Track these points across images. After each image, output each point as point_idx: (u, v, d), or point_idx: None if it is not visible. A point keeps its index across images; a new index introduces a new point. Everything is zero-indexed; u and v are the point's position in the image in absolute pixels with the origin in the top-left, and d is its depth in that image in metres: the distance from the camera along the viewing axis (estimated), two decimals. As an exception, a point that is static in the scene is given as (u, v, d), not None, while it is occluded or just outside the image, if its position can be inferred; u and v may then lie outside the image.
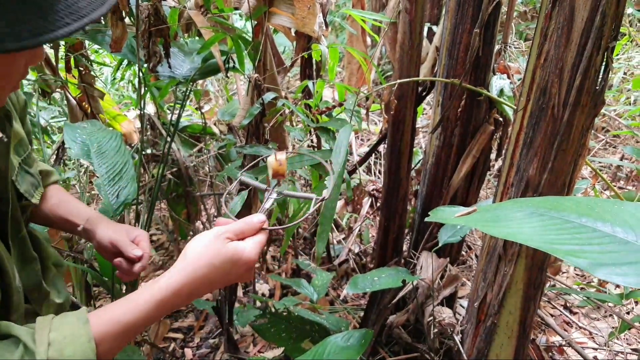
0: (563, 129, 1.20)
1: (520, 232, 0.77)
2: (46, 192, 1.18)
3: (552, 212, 0.80)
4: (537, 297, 1.40)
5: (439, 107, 1.70)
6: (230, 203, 1.50)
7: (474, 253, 2.62)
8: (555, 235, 0.74)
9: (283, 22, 1.58)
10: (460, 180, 1.68)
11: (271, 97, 1.50)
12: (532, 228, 0.77)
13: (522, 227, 0.79)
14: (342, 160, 1.28)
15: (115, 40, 1.64)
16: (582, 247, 0.71)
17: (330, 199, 1.27)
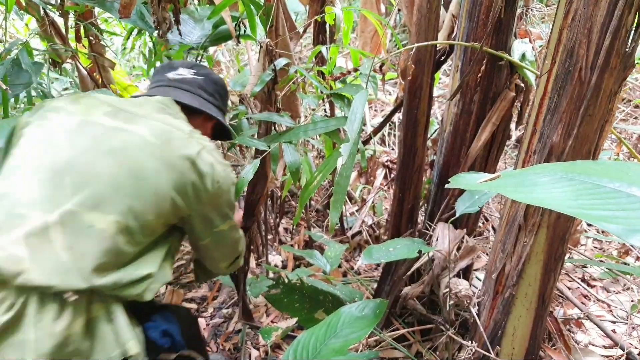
0: (590, 93, 1.14)
1: (548, 198, 0.73)
2: None
3: (581, 177, 0.76)
4: (558, 269, 1.37)
5: (457, 72, 1.64)
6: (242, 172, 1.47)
7: (491, 225, 2.58)
8: (587, 201, 0.70)
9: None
10: (478, 149, 1.63)
11: (283, 64, 1.45)
12: (562, 193, 0.73)
13: (550, 192, 0.74)
14: (358, 127, 1.24)
15: (124, 5, 1.59)
16: (615, 212, 0.67)
17: (345, 167, 1.23)
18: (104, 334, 1.03)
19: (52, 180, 1.03)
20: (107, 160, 1.07)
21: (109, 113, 1.15)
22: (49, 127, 1.11)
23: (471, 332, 1.57)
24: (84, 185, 1.04)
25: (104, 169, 1.06)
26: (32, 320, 0.95)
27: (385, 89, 4.09)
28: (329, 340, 1.17)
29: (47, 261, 0.96)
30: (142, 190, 1.08)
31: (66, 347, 0.96)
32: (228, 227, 1.32)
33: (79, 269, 0.98)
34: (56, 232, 0.98)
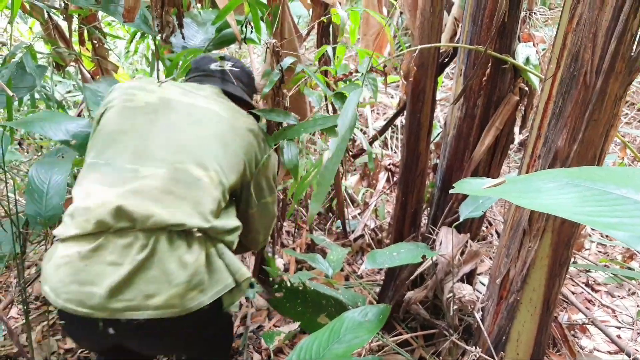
0: (595, 97, 1.13)
1: (554, 204, 0.72)
2: None
3: (587, 183, 0.75)
4: (563, 274, 1.36)
5: (461, 76, 1.63)
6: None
7: (494, 229, 2.57)
8: (594, 207, 0.69)
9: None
10: (482, 153, 1.62)
11: (290, 62, 1.45)
12: (568, 199, 0.72)
13: (556, 198, 0.74)
14: (348, 123, 1.22)
15: (128, 9, 1.59)
16: (622, 219, 0.66)
17: (332, 161, 1.21)
18: (219, 266, 1.20)
19: (151, 142, 1.21)
20: (196, 128, 1.27)
21: (181, 93, 1.35)
22: (137, 102, 1.29)
23: (475, 338, 1.56)
24: (184, 148, 1.22)
25: (197, 135, 1.26)
26: (166, 256, 1.10)
27: (388, 92, 4.09)
28: (332, 345, 1.16)
29: (171, 206, 1.14)
30: (227, 153, 1.28)
31: (195, 278, 1.12)
32: (272, 201, 1.53)
33: (198, 212, 1.17)
34: (173, 183, 1.16)
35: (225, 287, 1.19)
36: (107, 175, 1.17)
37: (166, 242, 1.12)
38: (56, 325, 2.52)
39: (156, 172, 1.17)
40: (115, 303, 1.06)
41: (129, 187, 1.13)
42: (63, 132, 1.71)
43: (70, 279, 1.08)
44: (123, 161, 1.18)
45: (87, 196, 1.15)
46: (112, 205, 1.10)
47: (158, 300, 1.08)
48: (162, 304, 1.08)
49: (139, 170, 1.16)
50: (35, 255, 3.05)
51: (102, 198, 1.12)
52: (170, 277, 1.09)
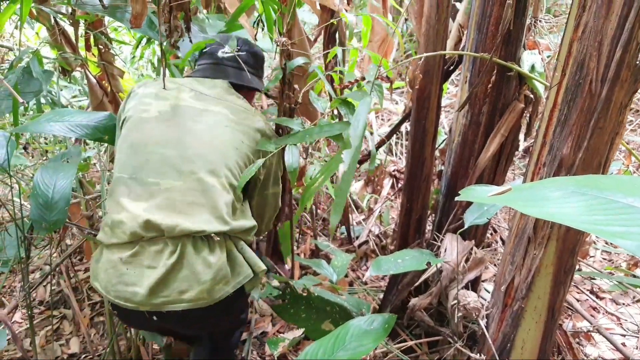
0: (601, 105, 1.13)
1: (561, 213, 0.72)
2: None
3: (594, 191, 0.76)
4: (567, 282, 1.35)
5: (466, 83, 1.64)
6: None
7: (499, 236, 2.57)
8: (601, 216, 0.69)
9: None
10: (487, 160, 1.62)
11: (301, 62, 1.46)
12: (574, 208, 0.72)
13: (563, 207, 0.74)
14: (361, 133, 1.24)
15: (135, 15, 1.60)
16: (629, 228, 0.66)
17: (347, 173, 1.23)
18: (240, 260, 1.39)
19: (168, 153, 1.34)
20: (207, 135, 1.38)
21: (194, 97, 1.45)
22: (151, 112, 1.41)
23: (479, 345, 1.55)
24: (197, 157, 1.35)
25: (208, 142, 1.37)
26: (193, 258, 1.29)
27: (392, 98, 4.10)
28: (337, 353, 1.16)
29: (192, 215, 1.30)
30: (236, 156, 1.40)
31: (219, 274, 1.31)
32: (274, 192, 1.63)
33: (216, 217, 1.33)
34: (192, 193, 1.32)
35: (245, 277, 1.39)
36: (133, 189, 1.34)
37: (191, 246, 1.30)
38: (60, 329, 2.53)
39: (175, 184, 1.32)
40: (155, 299, 1.28)
41: (153, 202, 1.31)
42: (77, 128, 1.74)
43: (117, 280, 1.30)
44: (145, 175, 1.34)
45: (120, 210, 1.33)
46: (142, 219, 1.28)
47: (190, 295, 1.29)
48: (193, 298, 1.29)
49: (160, 184, 1.32)
50: (40, 259, 3.06)
51: (133, 212, 1.30)
52: (199, 276, 1.29)
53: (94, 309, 2.63)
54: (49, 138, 4.43)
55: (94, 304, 2.66)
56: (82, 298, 2.66)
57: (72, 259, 2.71)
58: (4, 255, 2.13)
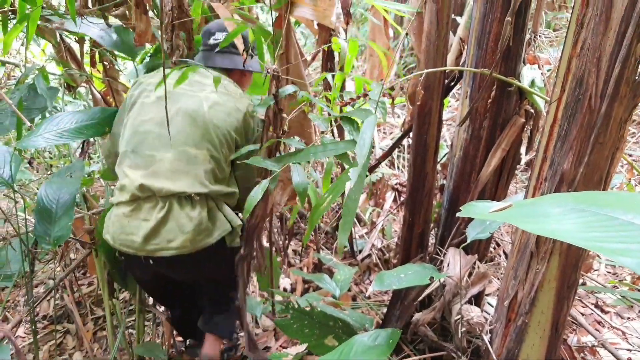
0: (600, 121, 1.14)
1: (561, 229, 0.72)
2: None
3: (593, 208, 0.76)
4: (571, 297, 1.35)
5: (467, 98, 1.65)
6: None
7: (502, 250, 2.56)
8: (600, 233, 0.70)
9: (305, 13, 1.55)
10: (489, 175, 1.63)
11: (291, 90, 1.47)
12: (574, 225, 0.73)
13: (562, 223, 0.74)
14: (367, 151, 1.25)
15: (139, 34, 1.63)
16: (629, 245, 0.66)
17: (354, 191, 1.24)
18: (219, 217, 1.69)
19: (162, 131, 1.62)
20: (194, 116, 1.66)
21: (187, 84, 1.69)
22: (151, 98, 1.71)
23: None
24: (185, 134, 1.64)
25: (194, 121, 1.66)
26: (177, 213, 1.61)
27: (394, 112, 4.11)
28: (341, 369, 1.16)
29: (177, 180, 1.61)
30: (218, 134, 1.68)
31: (200, 226, 1.61)
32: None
33: (198, 182, 1.63)
34: (178, 162, 1.62)
35: (224, 230, 1.69)
36: (134, 160, 1.66)
37: (177, 204, 1.61)
38: (63, 344, 2.52)
39: (166, 156, 1.63)
40: (149, 246, 1.60)
41: (149, 170, 1.62)
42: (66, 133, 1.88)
43: (120, 230, 1.64)
44: (143, 149, 1.65)
45: (124, 176, 1.66)
46: (138, 183, 1.60)
47: (176, 243, 1.60)
48: (179, 246, 1.60)
49: (155, 156, 1.64)
50: (43, 274, 3.06)
51: (132, 178, 1.62)
52: (182, 228, 1.60)
53: (96, 323, 2.63)
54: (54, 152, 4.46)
55: (97, 318, 2.66)
56: (85, 312, 2.66)
57: (76, 273, 2.71)
58: (7, 269, 2.14)
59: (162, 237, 1.60)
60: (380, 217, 2.82)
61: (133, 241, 1.61)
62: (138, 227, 1.61)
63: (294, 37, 1.60)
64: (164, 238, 1.60)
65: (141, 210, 1.62)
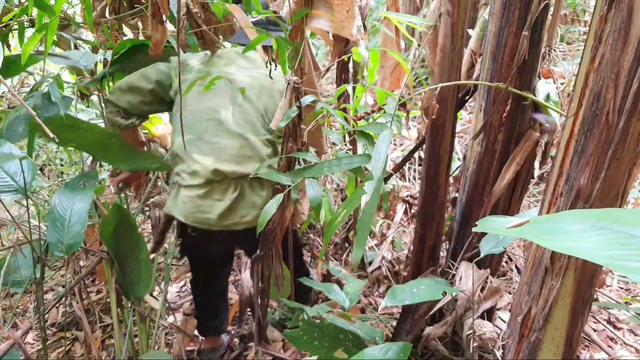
0: (618, 136, 1.13)
1: (580, 247, 0.71)
2: None
3: (613, 225, 0.75)
4: (585, 313, 1.33)
5: (481, 112, 1.65)
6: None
7: (515, 264, 2.54)
8: (619, 251, 0.69)
9: (322, 25, 1.55)
10: (502, 189, 1.62)
11: (310, 100, 1.47)
12: (594, 242, 0.72)
13: (582, 241, 0.73)
14: (382, 165, 1.25)
15: (155, 43, 1.64)
16: (650, 264, 0.65)
17: (369, 205, 1.23)
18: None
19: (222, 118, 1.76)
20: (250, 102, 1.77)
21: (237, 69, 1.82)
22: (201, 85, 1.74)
23: (495, 376, 1.53)
24: (244, 120, 1.77)
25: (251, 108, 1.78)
26: (249, 193, 1.78)
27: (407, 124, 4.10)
28: (352, 383, 1.15)
29: (245, 164, 1.75)
30: (268, 117, 1.79)
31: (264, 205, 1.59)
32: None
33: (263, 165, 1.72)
34: (242, 148, 1.75)
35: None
36: (201, 147, 1.77)
37: (247, 185, 1.78)
38: (71, 351, 2.52)
39: (230, 142, 1.75)
40: (224, 222, 1.77)
41: (218, 156, 1.75)
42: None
43: (194, 210, 1.78)
44: (208, 137, 1.77)
45: (194, 163, 1.77)
46: (212, 168, 1.74)
47: (248, 218, 1.77)
48: (251, 220, 1.77)
49: (220, 142, 1.76)
50: (52, 281, 3.07)
51: (204, 164, 1.75)
52: (254, 204, 1.77)
53: (105, 331, 2.63)
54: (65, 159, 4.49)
55: (105, 326, 2.66)
56: (93, 320, 2.66)
57: (85, 280, 2.72)
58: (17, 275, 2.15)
59: (236, 214, 1.77)
60: (391, 230, 2.81)
61: (208, 219, 1.76)
62: (212, 206, 1.76)
63: (308, 48, 1.60)
64: (237, 214, 1.77)
65: (214, 191, 1.77)
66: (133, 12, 1.98)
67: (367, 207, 1.21)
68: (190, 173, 1.79)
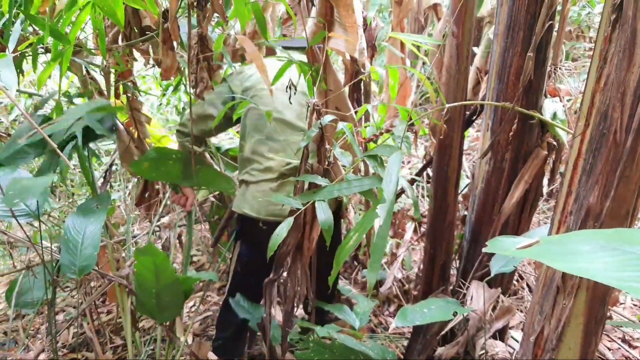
0: (626, 155, 1.14)
1: (591, 268, 0.72)
2: None
3: (624, 247, 0.75)
4: (599, 332, 1.32)
5: (488, 131, 1.66)
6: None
7: (526, 282, 2.52)
8: (630, 272, 0.69)
9: (339, 46, 1.57)
10: (512, 207, 1.62)
11: (329, 120, 1.49)
12: (604, 264, 0.72)
13: (593, 262, 0.74)
14: (394, 188, 1.25)
15: (166, 69, 1.68)
16: (662, 286, 0.65)
17: (383, 228, 1.23)
18: None
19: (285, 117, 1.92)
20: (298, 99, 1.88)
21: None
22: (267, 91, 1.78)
23: (509, 397, 1.51)
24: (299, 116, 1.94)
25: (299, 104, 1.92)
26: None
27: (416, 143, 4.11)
28: (364, 405, 1.14)
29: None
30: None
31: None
32: None
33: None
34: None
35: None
36: (272, 145, 1.90)
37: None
38: (82, 373, 2.52)
39: (295, 138, 1.90)
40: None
41: (287, 152, 1.89)
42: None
43: (267, 203, 1.87)
44: (277, 135, 1.90)
45: (267, 160, 1.90)
46: (285, 162, 1.87)
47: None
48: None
49: (288, 139, 1.90)
50: (63, 302, 3.09)
51: (278, 160, 1.88)
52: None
53: (115, 352, 2.63)
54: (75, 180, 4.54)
55: (116, 347, 2.66)
56: (104, 341, 2.67)
57: (95, 301, 2.73)
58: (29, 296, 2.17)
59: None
60: (401, 249, 2.80)
61: (283, 210, 1.84)
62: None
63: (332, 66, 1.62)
64: None
65: (286, 185, 1.89)
66: (144, 38, 2.02)
67: (380, 230, 1.21)
68: (263, 169, 1.92)
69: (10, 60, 1.42)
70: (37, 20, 1.58)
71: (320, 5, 1.53)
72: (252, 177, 1.96)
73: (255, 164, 1.94)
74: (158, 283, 1.81)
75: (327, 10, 1.53)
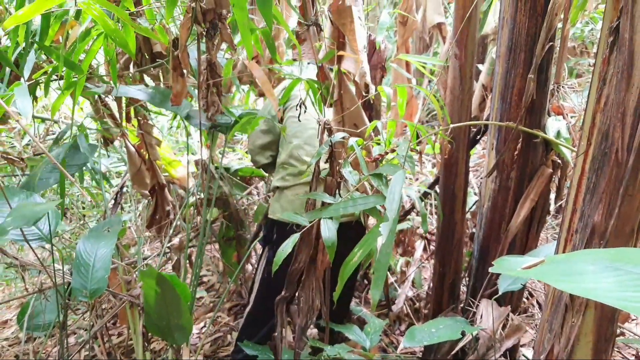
0: (628, 174, 1.15)
1: (596, 288, 0.73)
2: None
3: (628, 266, 0.76)
4: (609, 350, 1.32)
5: (493, 150, 1.68)
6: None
7: (536, 299, 2.51)
8: (634, 292, 0.70)
9: (349, 67, 1.61)
10: (519, 225, 1.63)
11: (340, 137, 1.52)
12: (609, 284, 0.73)
13: (596, 282, 0.75)
14: (397, 206, 1.27)
15: (176, 94, 1.72)
16: (665, 306, 0.66)
17: (385, 246, 1.26)
18: None
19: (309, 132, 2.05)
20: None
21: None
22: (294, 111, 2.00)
23: (521, 417, 1.51)
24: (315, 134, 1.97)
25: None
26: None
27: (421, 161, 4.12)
28: None
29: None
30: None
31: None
32: None
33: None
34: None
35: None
36: (308, 150, 2.02)
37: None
38: (94, 396, 2.53)
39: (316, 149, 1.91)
40: None
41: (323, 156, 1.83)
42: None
43: (302, 206, 1.91)
44: (313, 140, 2.03)
45: (302, 163, 2.02)
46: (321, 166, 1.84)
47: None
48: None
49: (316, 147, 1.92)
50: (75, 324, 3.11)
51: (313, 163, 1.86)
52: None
53: (126, 374, 2.64)
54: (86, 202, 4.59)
55: (127, 369, 2.67)
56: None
57: (107, 323, 2.75)
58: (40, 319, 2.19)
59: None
60: (412, 267, 2.80)
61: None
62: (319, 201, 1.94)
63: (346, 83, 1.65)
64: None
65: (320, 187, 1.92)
66: (155, 65, 2.07)
67: (383, 248, 1.23)
68: (297, 173, 2.04)
69: (26, 89, 1.47)
70: (52, 52, 1.64)
71: (333, 30, 1.59)
72: (286, 182, 2.06)
73: (290, 169, 2.05)
74: (165, 304, 1.83)
75: (340, 33, 1.59)
